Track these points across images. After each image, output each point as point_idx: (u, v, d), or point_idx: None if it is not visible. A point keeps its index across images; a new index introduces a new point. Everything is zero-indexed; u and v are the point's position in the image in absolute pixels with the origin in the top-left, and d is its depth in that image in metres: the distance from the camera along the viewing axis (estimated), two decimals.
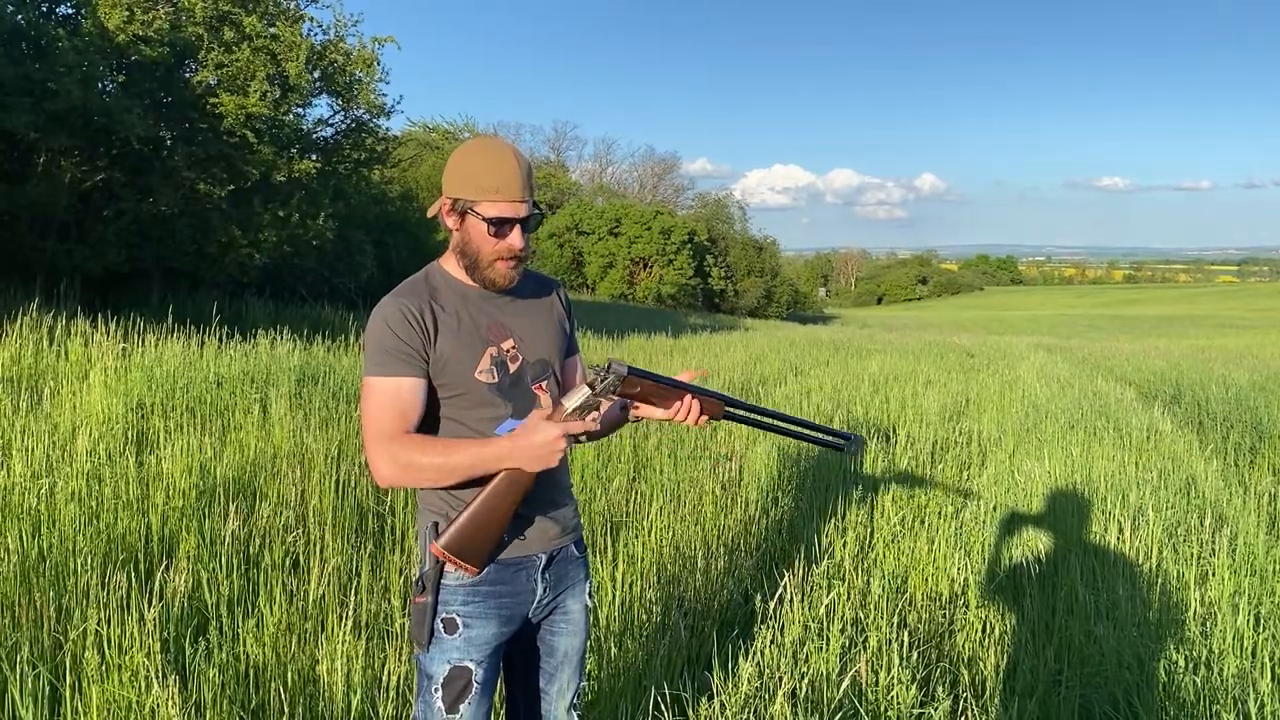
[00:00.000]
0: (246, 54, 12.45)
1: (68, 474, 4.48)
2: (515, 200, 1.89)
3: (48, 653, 2.99)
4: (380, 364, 1.89)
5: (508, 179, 1.88)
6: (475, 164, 1.90)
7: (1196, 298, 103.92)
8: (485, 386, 1.95)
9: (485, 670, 1.98)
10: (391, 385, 1.89)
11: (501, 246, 1.92)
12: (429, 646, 1.95)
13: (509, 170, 1.89)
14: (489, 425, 1.96)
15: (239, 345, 8.81)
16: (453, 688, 1.95)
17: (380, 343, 1.90)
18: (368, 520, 4.52)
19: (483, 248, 1.92)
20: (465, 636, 1.95)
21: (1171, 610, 3.88)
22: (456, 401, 1.95)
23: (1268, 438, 7.63)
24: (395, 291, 1.96)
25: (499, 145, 1.92)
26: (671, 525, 4.63)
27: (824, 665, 3.15)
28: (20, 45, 10.95)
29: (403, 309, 1.91)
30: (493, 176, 1.88)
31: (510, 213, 1.89)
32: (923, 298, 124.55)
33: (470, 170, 1.90)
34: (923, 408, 8.92)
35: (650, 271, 44.09)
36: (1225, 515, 5.25)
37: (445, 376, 1.93)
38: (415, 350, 1.90)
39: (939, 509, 5.13)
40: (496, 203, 1.89)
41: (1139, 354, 18.25)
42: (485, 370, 1.95)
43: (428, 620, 1.94)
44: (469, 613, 1.96)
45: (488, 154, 1.91)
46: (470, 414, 1.95)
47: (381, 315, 1.92)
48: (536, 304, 2.08)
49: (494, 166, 1.89)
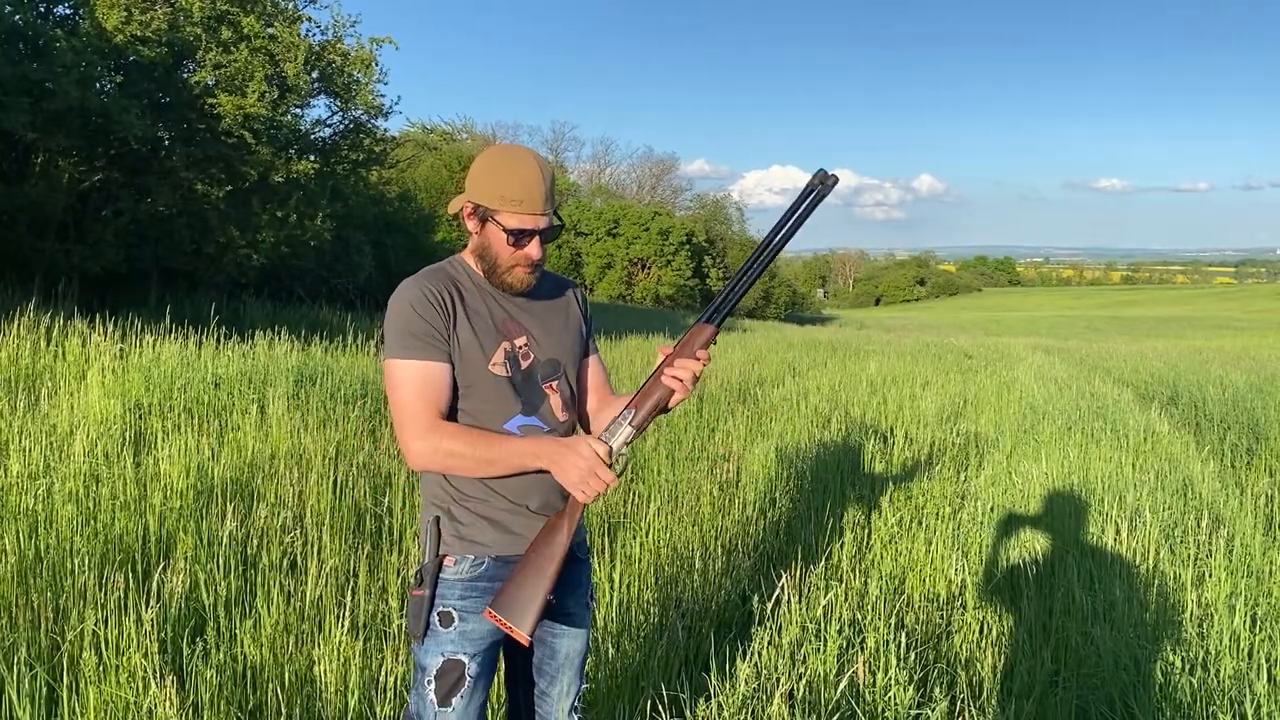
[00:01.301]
0: (244, 54, 12.44)
1: (65, 474, 4.48)
2: (536, 213, 1.91)
3: (45, 653, 2.99)
4: (406, 347, 1.90)
5: (530, 191, 1.90)
6: (500, 173, 1.91)
7: (1194, 299, 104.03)
8: (498, 379, 1.96)
9: (479, 665, 1.98)
10: (420, 369, 1.90)
11: (520, 255, 1.94)
12: (424, 639, 1.96)
13: (532, 182, 1.90)
14: (498, 420, 1.97)
15: (237, 345, 8.80)
16: (446, 680, 1.96)
17: (406, 325, 1.91)
18: (365, 521, 4.52)
19: (501, 254, 1.95)
20: (460, 630, 1.96)
21: (1168, 611, 3.89)
22: (467, 393, 1.96)
23: (1264, 439, 7.64)
24: (417, 275, 1.97)
25: (524, 156, 1.93)
26: (669, 526, 4.63)
27: (821, 666, 3.15)
28: (18, 45, 10.94)
29: (425, 290, 1.92)
30: (515, 188, 1.90)
31: (530, 225, 1.91)
32: (921, 299, 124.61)
33: (494, 179, 1.91)
34: (920, 409, 8.93)
35: (648, 272, 44.09)
36: (1222, 517, 5.26)
37: (460, 365, 1.94)
38: (438, 333, 1.91)
39: (937, 510, 5.13)
40: (518, 214, 1.90)
41: (1136, 355, 18.27)
42: (499, 363, 1.96)
43: (424, 613, 1.95)
44: (465, 607, 1.97)
45: (512, 164, 1.92)
46: (480, 407, 1.96)
47: (405, 297, 1.93)
48: (553, 305, 2.10)
49: (517, 178, 1.90)
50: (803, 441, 6.95)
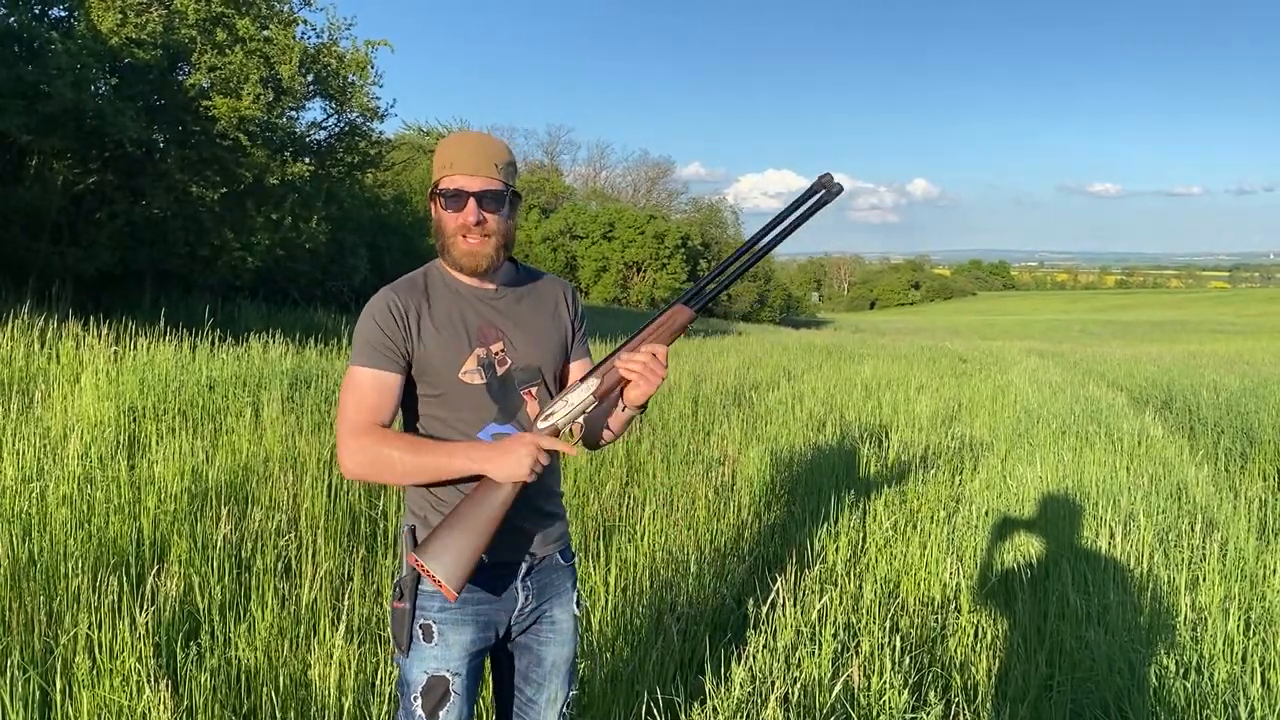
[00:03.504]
0: (240, 57, 12.43)
1: (59, 477, 4.46)
2: (468, 174, 1.91)
3: (38, 657, 2.98)
4: (362, 355, 1.93)
5: (463, 154, 1.92)
6: (442, 148, 1.96)
7: (1189, 303, 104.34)
8: (469, 388, 1.94)
9: (464, 679, 1.97)
10: (370, 377, 1.92)
11: (459, 221, 1.92)
12: (409, 652, 1.96)
13: (467, 146, 1.93)
14: (472, 427, 1.95)
15: (231, 348, 8.79)
16: (432, 696, 1.95)
17: (364, 334, 1.93)
18: (360, 524, 4.51)
19: (445, 225, 1.94)
20: (442, 644, 1.95)
21: (1162, 615, 3.90)
22: (439, 401, 1.95)
23: (1258, 443, 7.66)
24: (390, 285, 1.98)
25: (466, 130, 1.96)
26: (664, 530, 4.63)
27: (816, 670, 3.16)
28: (13, 47, 10.92)
29: (389, 303, 1.93)
30: (449, 153, 1.93)
31: (464, 185, 1.91)
32: (915, 302, 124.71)
33: (438, 154, 1.96)
34: (915, 412, 8.94)
35: (644, 275, 44.10)
36: (1215, 521, 5.28)
37: (428, 375, 1.94)
38: (395, 345, 1.92)
39: (931, 514, 5.14)
40: (451, 176, 1.92)
41: (1131, 359, 18.31)
42: (471, 371, 1.94)
43: (406, 625, 1.94)
44: (445, 619, 1.95)
45: (453, 137, 1.98)
46: (453, 415, 1.94)
47: (370, 308, 1.95)
48: (537, 306, 2.06)
49: (453, 144, 1.94)
50: (798, 445, 6.96)
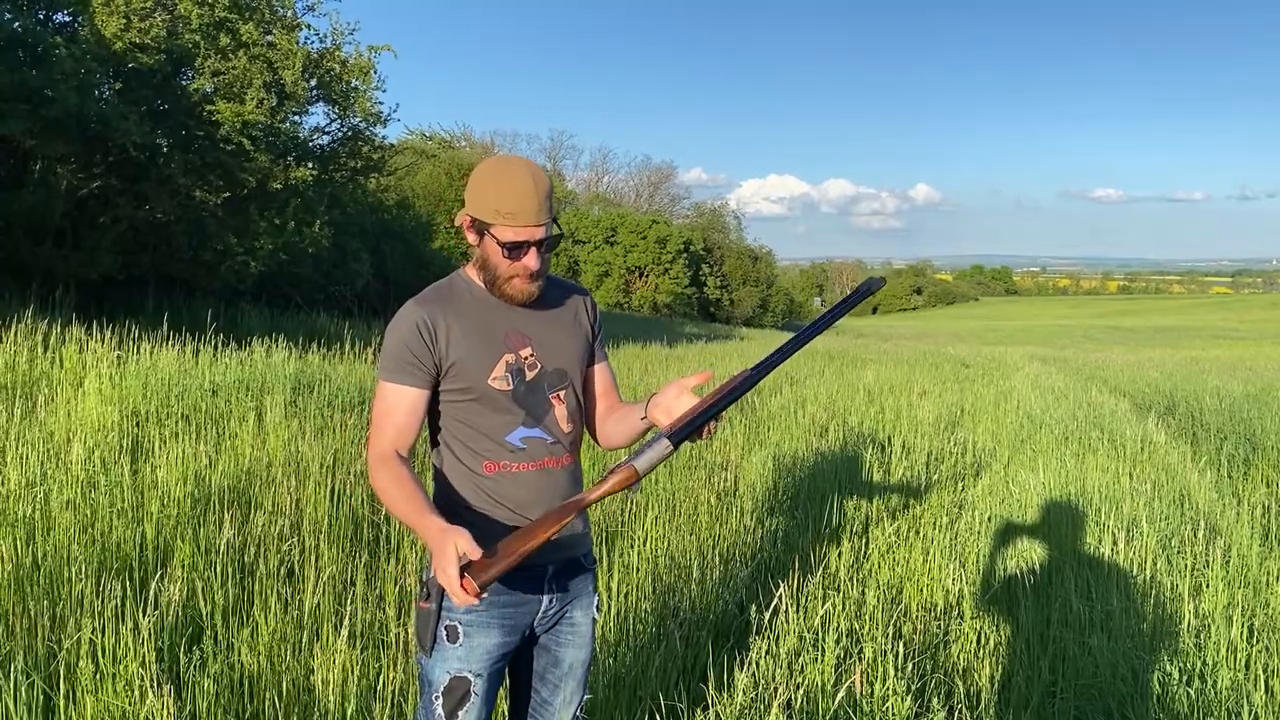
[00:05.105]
0: (243, 62, 12.47)
1: (62, 482, 4.47)
2: (530, 225, 1.91)
3: (42, 662, 2.98)
4: (391, 370, 1.98)
5: (522, 204, 1.90)
6: (492, 187, 1.91)
7: (1191, 309, 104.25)
8: (499, 393, 1.98)
9: (485, 681, 1.99)
10: (396, 393, 1.97)
11: (517, 266, 1.95)
12: (431, 652, 1.97)
13: (525, 194, 1.90)
14: (500, 431, 1.99)
15: (234, 353, 8.79)
16: (452, 696, 1.97)
17: (392, 350, 1.98)
18: (363, 529, 4.51)
19: (499, 267, 1.96)
20: (466, 646, 1.97)
21: (1165, 622, 3.89)
22: (470, 406, 1.99)
23: (1261, 449, 7.65)
24: (417, 298, 2.02)
25: (516, 168, 1.93)
26: (667, 536, 4.63)
27: (819, 676, 3.15)
28: (17, 52, 10.94)
29: (417, 321, 1.97)
30: (508, 201, 1.90)
31: (525, 236, 1.92)
32: (918, 308, 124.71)
33: (487, 193, 1.92)
34: (918, 418, 8.94)
35: (646, 280, 44.11)
36: (1219, 527, 5.27)
37: (460, 381, 1.98)
38: (421, 362, 1.96)
39: (934, 520, 5.14)
40: (511, 227, 1.91)
41: (1133, 365, 18.31)
42: (500, 377, 1.98)
43: (431, 626, 1.96)
44: (471, 621, 1.97)
45: (504, 177, 1.92)
46: (482, 419, 1.99)
47: (398, 323, 1.99)
48: (559, 312, 2.10)
49: (509, 191, 1.90)
50: (800, 450, 6.96)
